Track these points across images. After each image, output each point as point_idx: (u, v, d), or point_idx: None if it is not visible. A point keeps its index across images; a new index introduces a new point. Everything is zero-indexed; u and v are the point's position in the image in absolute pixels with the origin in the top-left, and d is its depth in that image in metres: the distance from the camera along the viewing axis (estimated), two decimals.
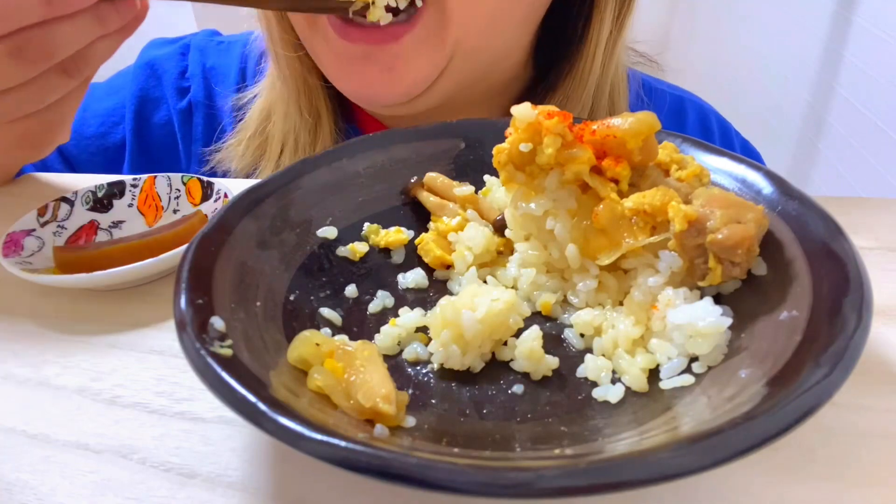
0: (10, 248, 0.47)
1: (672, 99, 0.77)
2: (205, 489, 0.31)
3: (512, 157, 0.39)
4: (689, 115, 0.77)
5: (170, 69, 0.78)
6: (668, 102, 0.77)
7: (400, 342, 0.38)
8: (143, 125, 0.77)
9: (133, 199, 0.55)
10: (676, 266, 0.36)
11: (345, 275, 0.42)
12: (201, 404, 0.36)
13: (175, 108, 0.77)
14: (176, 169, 0.78)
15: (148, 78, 0.78)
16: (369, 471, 0.24)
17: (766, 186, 0.38)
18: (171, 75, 0.77)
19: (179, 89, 0.77)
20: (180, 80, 0.78)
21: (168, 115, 0.77)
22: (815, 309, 0.31)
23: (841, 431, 0.33)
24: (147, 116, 0.77)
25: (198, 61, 0.78)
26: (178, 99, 0.77)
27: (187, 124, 0.77)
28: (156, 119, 0.78)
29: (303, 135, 0.68)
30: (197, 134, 0.77)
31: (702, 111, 0.78)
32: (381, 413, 0.30)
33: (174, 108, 0.77)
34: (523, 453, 0.30)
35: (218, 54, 0.79)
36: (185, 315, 0.31)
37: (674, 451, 0.24)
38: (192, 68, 0.78)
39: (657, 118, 0.38)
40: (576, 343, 0.38)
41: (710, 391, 0.31)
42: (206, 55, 0.79)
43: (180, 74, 0.78)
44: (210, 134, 0.76)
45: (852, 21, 1.59)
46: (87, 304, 0.45)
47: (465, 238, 0.43)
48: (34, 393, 0.38)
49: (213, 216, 0.39)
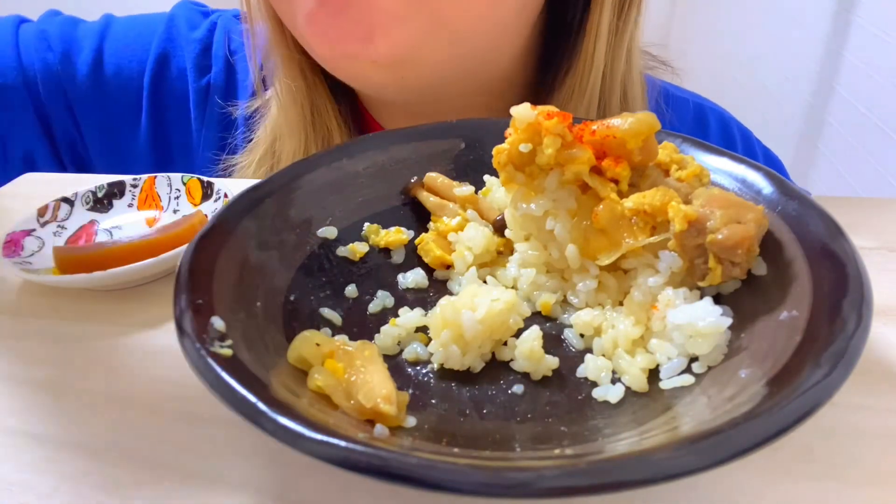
0: (10, 248, 0.47)
1: (695, 108, 0.75)
2: (205, 489, 0.31)
3: (512, 158, 0.39)
4: (710, 125, 0.76)
5: (195, 43, 0.75)
6: (692, 111, 0.75)
7: (400, 342, 0.38)
8: (160, 87, 0.74)
9: (133, 199, 0.55)
10: (676, 266, 0.36)
11: (345, 275, 0.42)
12: (201, 404, 0.36)
13: (195, 84, 0.74)
14: (188, 145, 0.76)
15: (173, 42, 0.75)
16: (369, 471, 0.24)
17: (766, 186, 0.38)
18: (194, 49, 0.74)
19: (201, 66, 0.74)
20: (203, 57, 0.75)
21: (185, 88, 0.75)
22: (815, 309, 0.31)
23: (841, 431, 0.33)
24: (166, 80, 0.74)
25: (222, 42, 0.75)
26: (199, 76, 0.74)
27: (202, 106, 0.75)
28: (174, 88, 0.75)
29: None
30: (212, 120, 0.74)
31: (722, 120, 0.77)
32: (382, 413, 0.30)
33: (194, 84, 0.74)
34: (523, 453, 0.30)
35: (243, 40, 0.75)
36: (185, 315, 0.31)
37: (674, 451, 0.24)
38: (215, 48, 0.75)
39: (657, 118, 0.38)
40: (576, 343, 0.38)
41: (710, 391, 0.31)
42: (232, 38, 0.75)
43: (204, 52, 0.75)
44: (223, 124, 0.74)
45: (852, 21, 1.59)
46: (87, 304, 0.45)
47: (465, 238, 0.43)
48: (34, 393, 0.38)
49: (213, 216, 0.39)
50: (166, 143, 0.76)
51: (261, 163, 0.68)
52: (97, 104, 0.74)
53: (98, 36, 0.75)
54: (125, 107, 0.75)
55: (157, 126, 0.75)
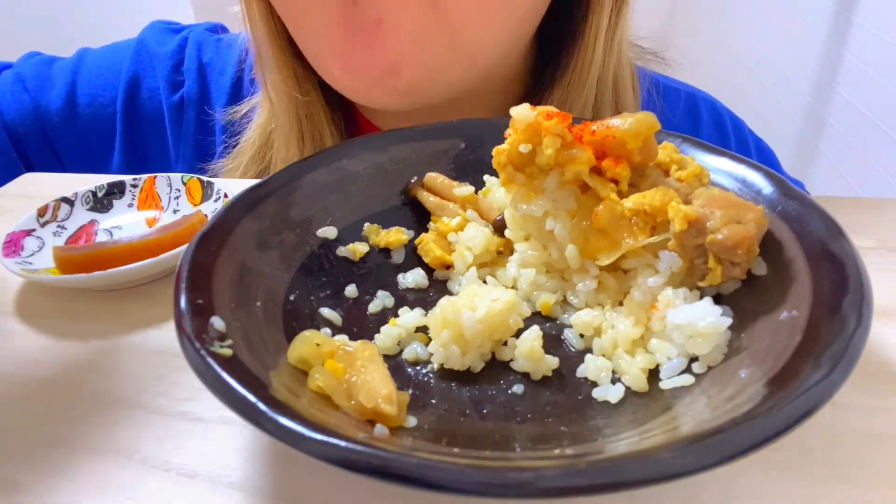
0: (10, 248, 0.47)
1: (686, 97, 0.75)
2: (205, 489, 0.31)
3: (511, 159, 0.39)
4: (703, 114, 0.76)
5: (165, 60, 0.75)
6: (683, 101, 0.75)
7: (400, 342, 0.38)
8: (133, 110, 0.75)
9: (133, 199, 0.55)
10: (676, 266, 0.36)
11: (345, 275, 0.42)
12: (201, 404, 0.36)
13: (168, 101, 0.75)
14: (166, 162, 0.76)
15: (143, 63, 0.75)
16: (369, 471, 0.24)
17: (766, 186, 0.38)
18: (166, 67, 0.75)
19: (173, 83, 0.75)
20: (174, 74, 0.75)
21: (158, 107, 0.75)
22: (815, 309, 0.31)
23: (841, 431, 0.33)
24: (138, 102, 0.75)
25: (194, 56, 0.76)
26: (171, 92, 0.75)
27: (177, 121, 0.75)
28: (147, 108, 0.75)
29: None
30: (188, 133, 0.75)
31: (714, 109, 0.77)
32: (383, 414, 0.30)
33: (167, 101, 0.75)
34: (523, 453, 0.30)
35: (216, 51, 0.76)
36: (185, 315, 0.31)
37: (674, 451, 0.24)
38: (187, 63, 0.75)
39: (657, 118, 0.38)
40: (576, 343, 0.38)
41: (710, 391, 0.31)
42: (203, 50, 0.76)
43: (175, 67, 0.75)
44: (201, 136, 0.74)
45: (852, 21, 1.59)
46: (87, 304, 0.45)
47: (465, 238, 0.43)
48: (34, 393, 0.38)
49: (213, 216, 0.38)
50: (143, 164, 0.76)
51: (248, 167, 0.68)
52: (74, 136, 0.75)
53: (71, 70, 0.76)
54: (101, 135, 0.76)
55: (133, 149, 0.76)
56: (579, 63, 0.62)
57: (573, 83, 0.63)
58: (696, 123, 0.75)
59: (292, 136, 0.65)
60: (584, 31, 0.62)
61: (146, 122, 0.75)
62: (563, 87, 0.63)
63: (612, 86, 0.65)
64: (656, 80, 0.73)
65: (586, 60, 0.62)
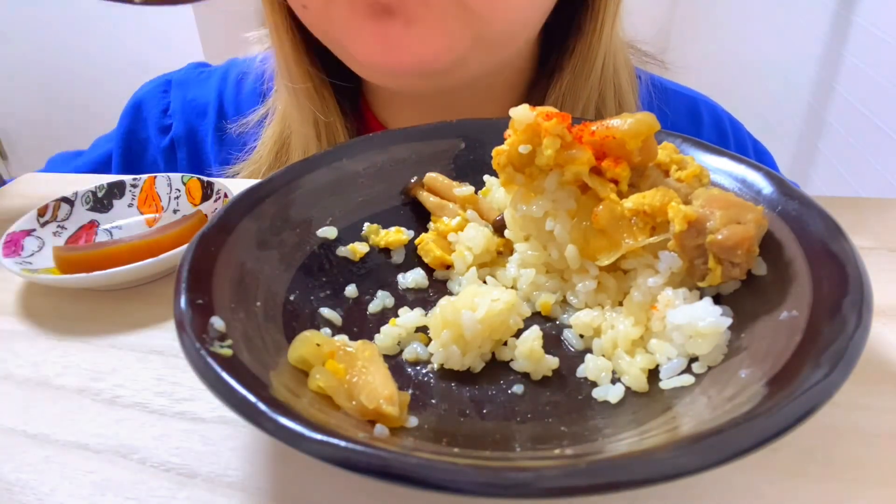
0: (10, 248, 0.47)
1: (687, 100, 0.76)
2: (205, 489, 0.31)
3: (511, 159, 0.39)
4: (703, 117, 0.76)
5: (153, 108, 0.77)
6: (685, 104, 0.76)
7: (400, 342, 0.38)
8: (130, 168, 0.77)
9: (133, 199, 0.55)
10: (676, 266, 0.36)
11: (345, 275, 0.42)
12: (201, 404, 0.36)
13: (159, 148, 0.77)
14: None
15: (134, 120, 0.78)
16: (369, 471, 0.24)
17: (766, 186, 0.38)
18: (154, 114, 0.77)
19: (162, 128, 0.77)
20: (162, 118, 0.77)
21: (154, 156, 0.77)
22: (815, 309, 0.31)
23: (841, 431, 0.33)
24: (134, 159, 0.77)
25: (179, 97, 0.78)
26: (161, 137, 0.77)
27: (171, 162, 0.77)
28: (143, 161, 0.78)
29: None
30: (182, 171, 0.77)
31: (714, 112, 0.78)
32: (385, 414, 0.30)
33: (158, 148, 0.77)
34: (523, 453, 0.30)
35: (198, 85, 0.78)
36: (185, 315, 0.31)
37: (674, 451, 0.24)
38: (173, 105, 0.77)
39: (657, 119, 0.38)
40: (575, 343, 0.38)
41: (710, 391, 0.31)
42: (187, 88, 0.78)
43: (162, 112, 0.77)
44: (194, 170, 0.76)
45: (852, 21, 1.59)
46: (87, 304, 0.45)
47: (464, 238, 0.43)
48: (34, 393, 0.38)
49: (213, 216, 0.39)
50: None
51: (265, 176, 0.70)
52: None
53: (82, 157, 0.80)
54: None
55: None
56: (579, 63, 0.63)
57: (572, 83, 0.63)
58: (698, 126, 0.75)
59: (311, 143, 0.67)
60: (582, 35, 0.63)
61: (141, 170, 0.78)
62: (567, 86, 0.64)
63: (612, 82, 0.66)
64: (657, 82, 0.74)
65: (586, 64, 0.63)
